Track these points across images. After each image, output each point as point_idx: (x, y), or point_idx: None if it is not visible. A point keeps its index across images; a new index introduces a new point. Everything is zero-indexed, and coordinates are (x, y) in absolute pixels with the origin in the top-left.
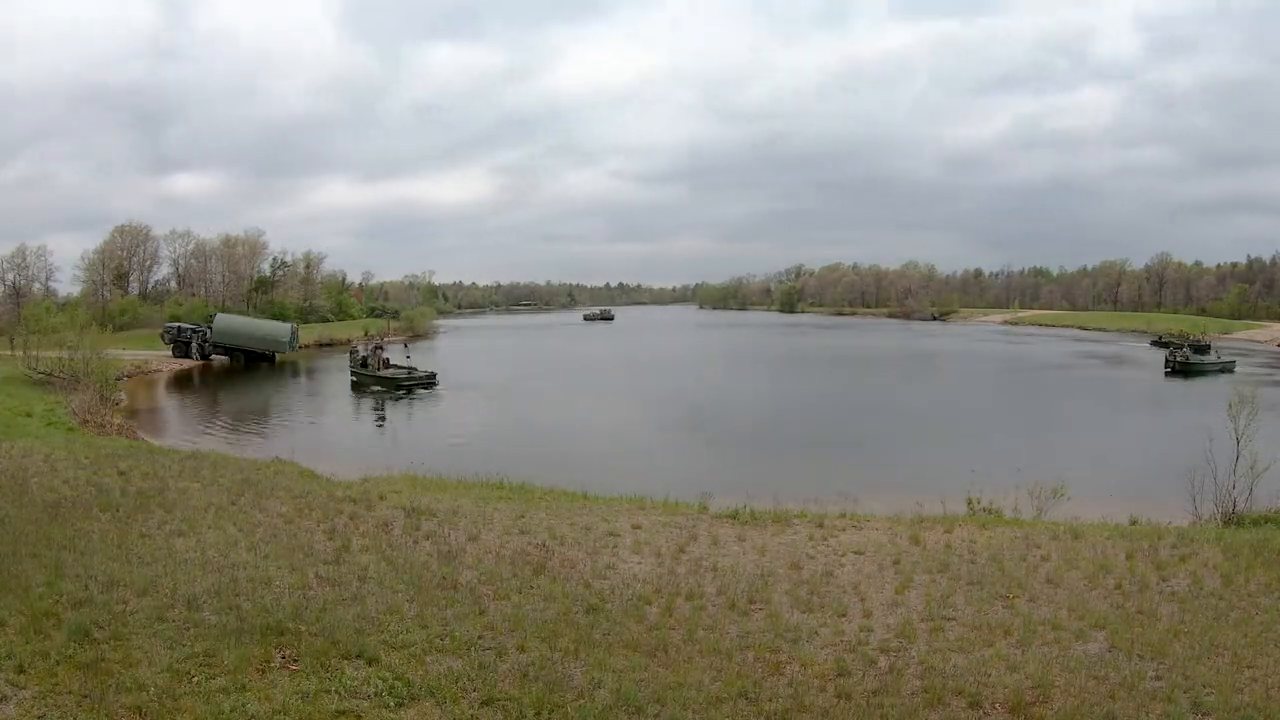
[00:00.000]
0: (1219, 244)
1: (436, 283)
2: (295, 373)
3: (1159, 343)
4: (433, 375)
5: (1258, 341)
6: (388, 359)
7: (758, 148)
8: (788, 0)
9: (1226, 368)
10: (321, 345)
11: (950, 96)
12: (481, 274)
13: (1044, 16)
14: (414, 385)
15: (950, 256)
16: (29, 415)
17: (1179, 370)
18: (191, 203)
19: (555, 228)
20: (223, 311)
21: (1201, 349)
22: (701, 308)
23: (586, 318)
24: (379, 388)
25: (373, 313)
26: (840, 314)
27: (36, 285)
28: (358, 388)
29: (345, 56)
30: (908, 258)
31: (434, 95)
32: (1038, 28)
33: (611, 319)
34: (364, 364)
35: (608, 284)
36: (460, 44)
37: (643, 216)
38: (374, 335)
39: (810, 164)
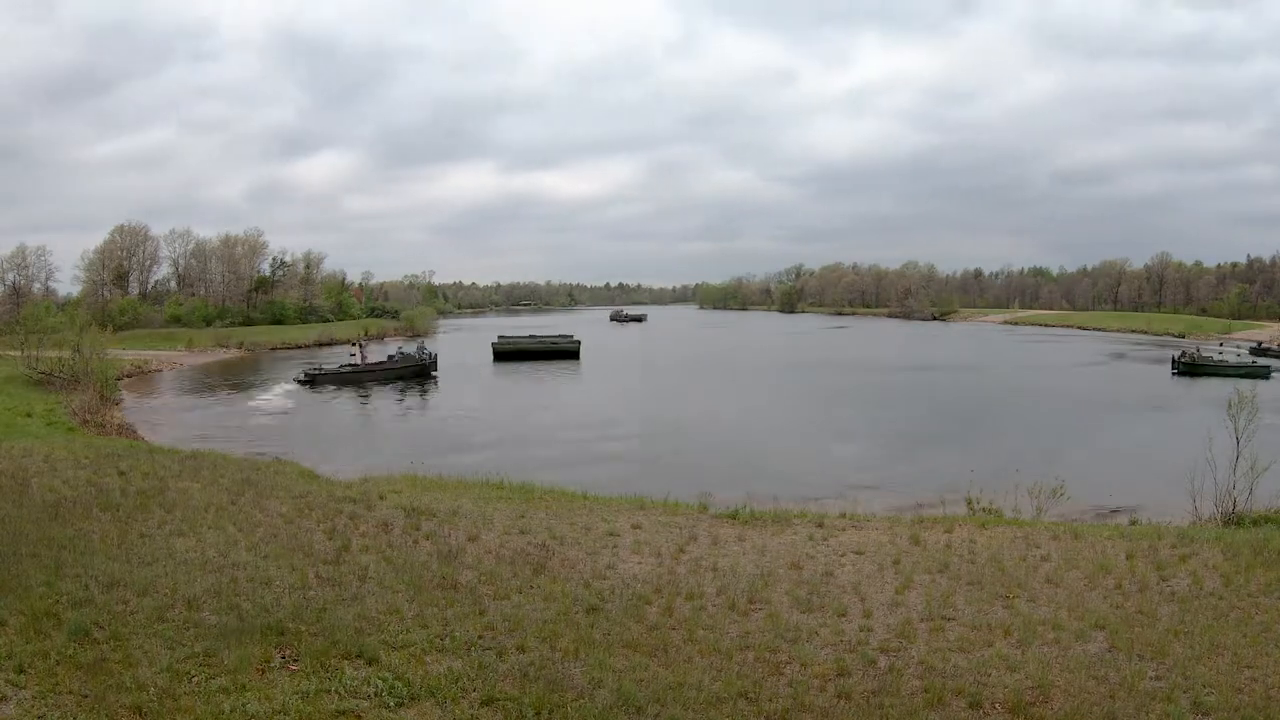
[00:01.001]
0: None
1: (436, 283)
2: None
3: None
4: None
5: (1258, 342)
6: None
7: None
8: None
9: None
10: (322, 345)
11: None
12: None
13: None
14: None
15: (1023, 258)
16: (29, 415)
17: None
18: None
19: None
20: (222, 312)
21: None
22: (701, 308)
23: (614, 319)
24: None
25: (373, 313)
26: (840, 314)
27: (37, 285)
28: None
29: None
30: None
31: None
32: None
33: (643, 320)
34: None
35: (607, 284)
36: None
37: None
38: (358, 338)
39: (932, 172)
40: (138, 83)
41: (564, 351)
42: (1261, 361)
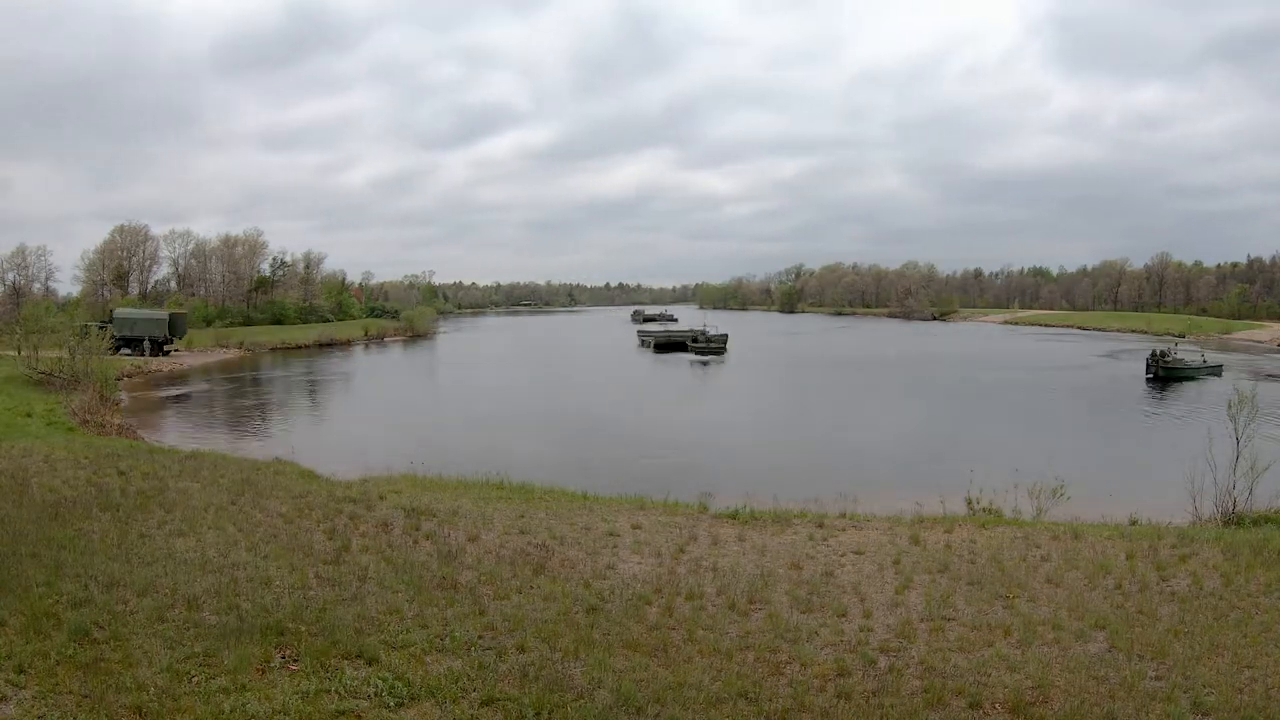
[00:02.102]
0: None
1: (436, 282)
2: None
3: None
4: None
5: (1258, 341)
6: None
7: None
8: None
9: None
10: (322, 345)
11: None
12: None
13: None
14: None
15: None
16: (29, 415)
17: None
18: None
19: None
20: (222, 311)
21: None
22: (701, 308)
23: (638, 318)
24: None
25: (373, 312)
26: (840, 314)
27: (36, 285)
28: None
29: None
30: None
31: None
32: None
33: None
34: None
35: (608, 284)
36: None
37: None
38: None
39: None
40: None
41: (714, 348)
42: (1213, 361)
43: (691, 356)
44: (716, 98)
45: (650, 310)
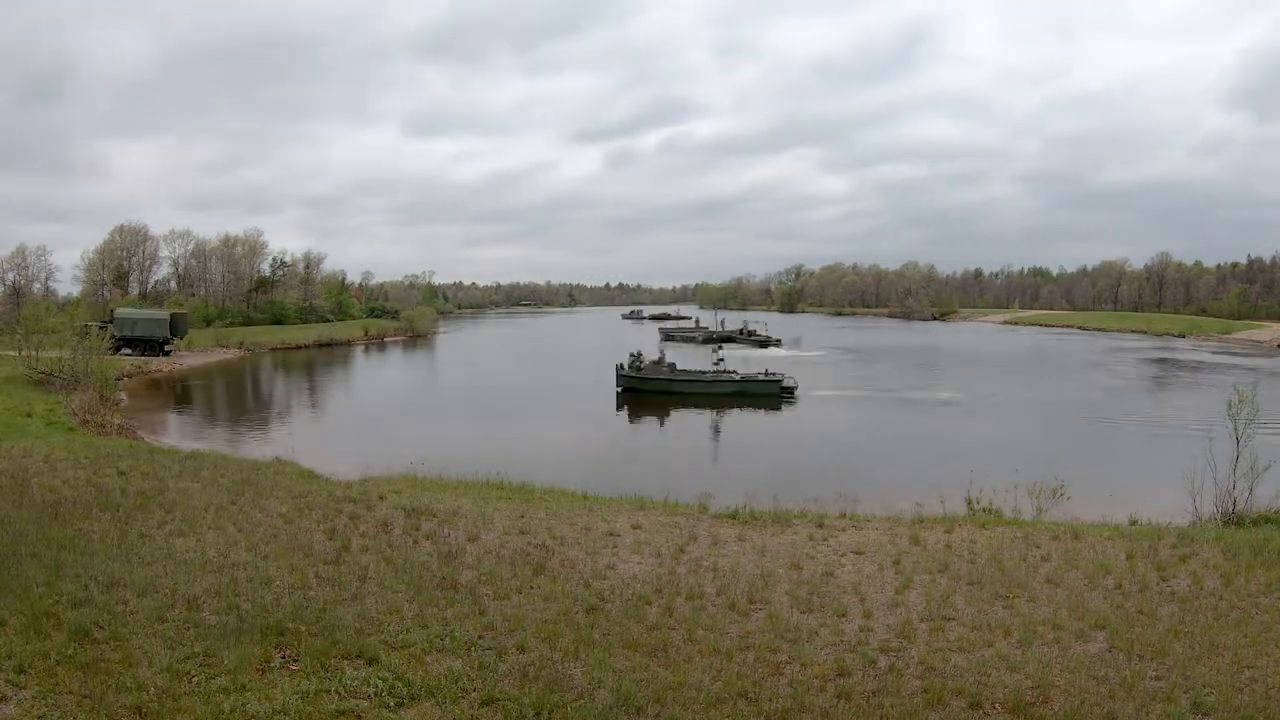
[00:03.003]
0: None
1: (436, 282)
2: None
3: None
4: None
5: (1258, 341)
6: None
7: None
8: None
9: None
10: (322, 345)
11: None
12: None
13: None
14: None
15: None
16: (29, 415)
17: None
18: None
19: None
20: (222, 312)
21: None
22: (702, 308)
23: (637, 316)
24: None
25: (373, 313)
26: (840, 314)
27: (36, 285)
28: None
29: None
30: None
31: None
32: None
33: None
34: None
35: (608, 284)
36: None
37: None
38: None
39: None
40: None
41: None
42: None
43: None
44: (911, 108)
45: (650, 309)
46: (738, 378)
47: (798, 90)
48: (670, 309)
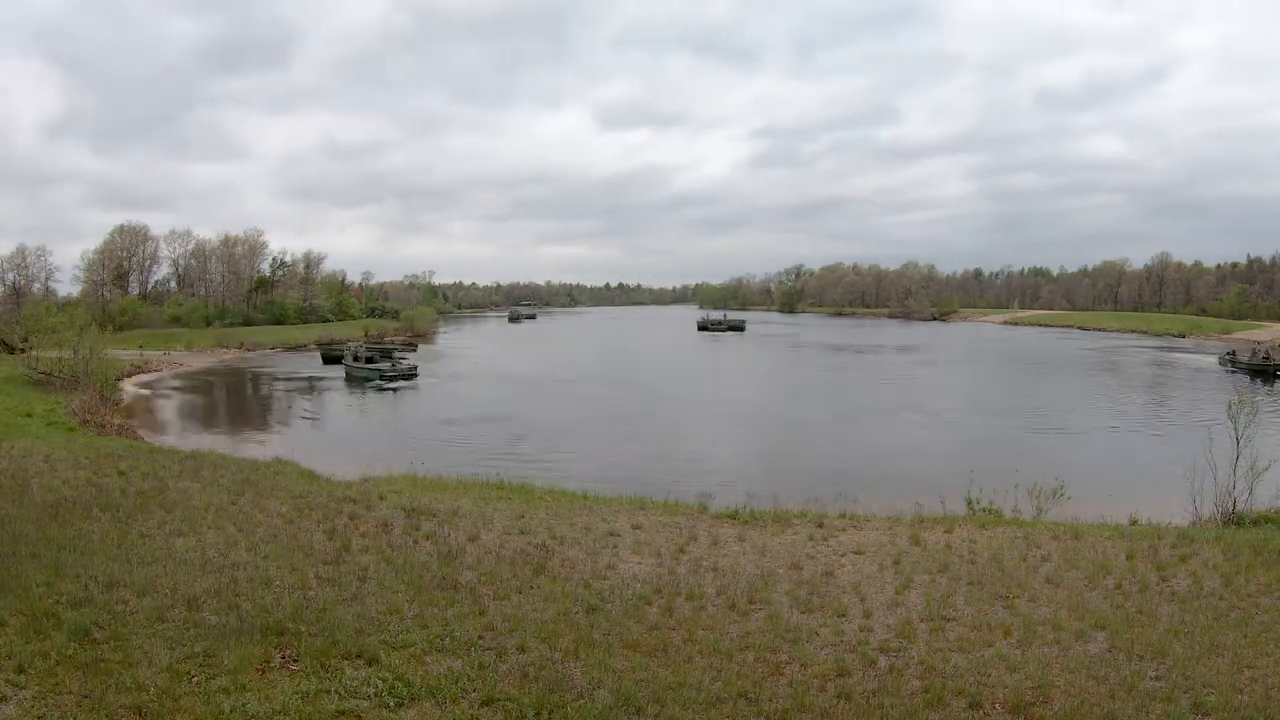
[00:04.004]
0: None
1: (436, 282)
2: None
3: None
4: None
5: (1258, 341)
6: None
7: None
8: None
9: None
10: (322, 345)
11: None
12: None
13: None
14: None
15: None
16: (29, 415)
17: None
18: None
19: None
20: (222, 312)
21: None
22: (702, 308)
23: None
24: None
25: (373, 313)
26: (840, 314)
27: (36, 285)
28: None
29: None
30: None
31: None
32: None
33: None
34: None
35: (608, 284)
36: None
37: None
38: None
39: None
40: None
41: None
42: None
43: None
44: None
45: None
46: None
47: (1002, 107)
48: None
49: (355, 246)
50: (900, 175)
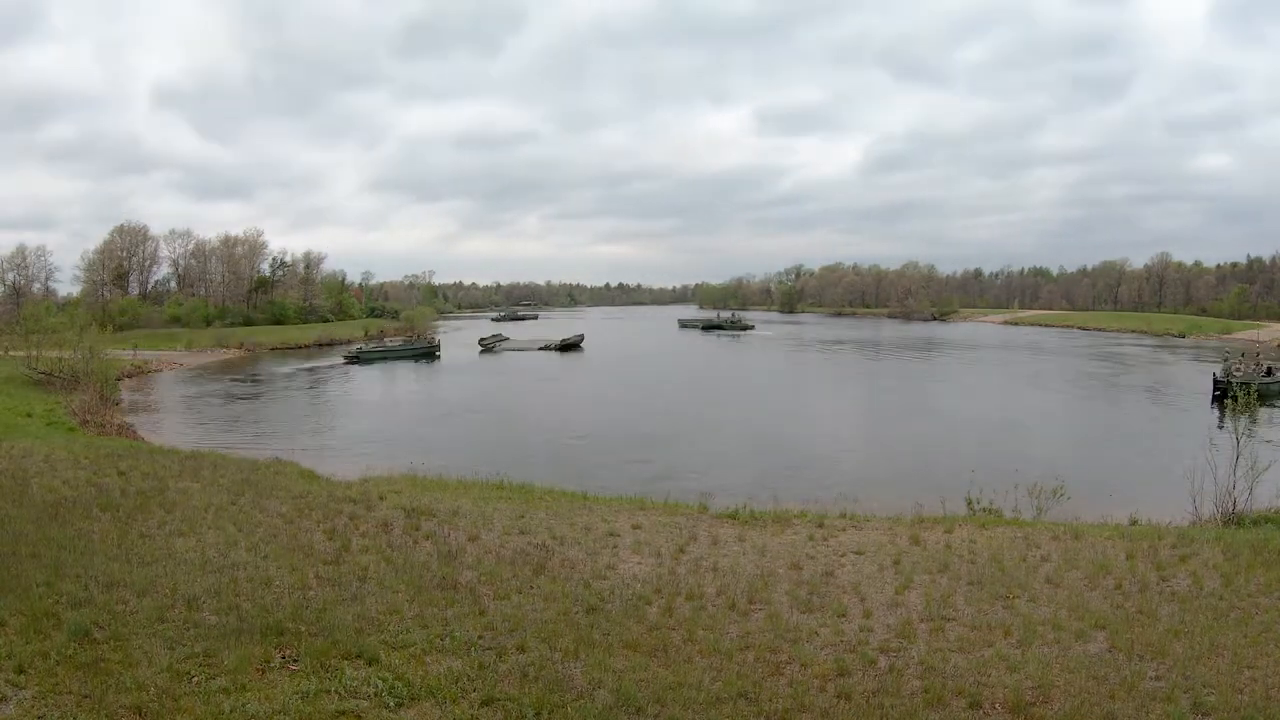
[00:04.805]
0: None
1: (436, 283)
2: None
3: None
4: None
5: (1258, 342)
6: None
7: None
8: None
9: None
10: (322, 345)
11: None
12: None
13: None
14: None
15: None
16: (29, 415)
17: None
18: None
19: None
20: (222, 312)
21: None
22: (701, 308)
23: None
24: None
25: (373, 313)
26: (840, 314)
27: (36, 285)
28: None
29: None
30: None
31: None
32: None
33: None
34: None
35: (607, 284)
36: None
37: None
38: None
39: None
40: None
41: None
42: None
43: None
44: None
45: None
46: None
47: (1132, 133)
48: (671, 310)
49: (419, 242)
50: (1001, 183)
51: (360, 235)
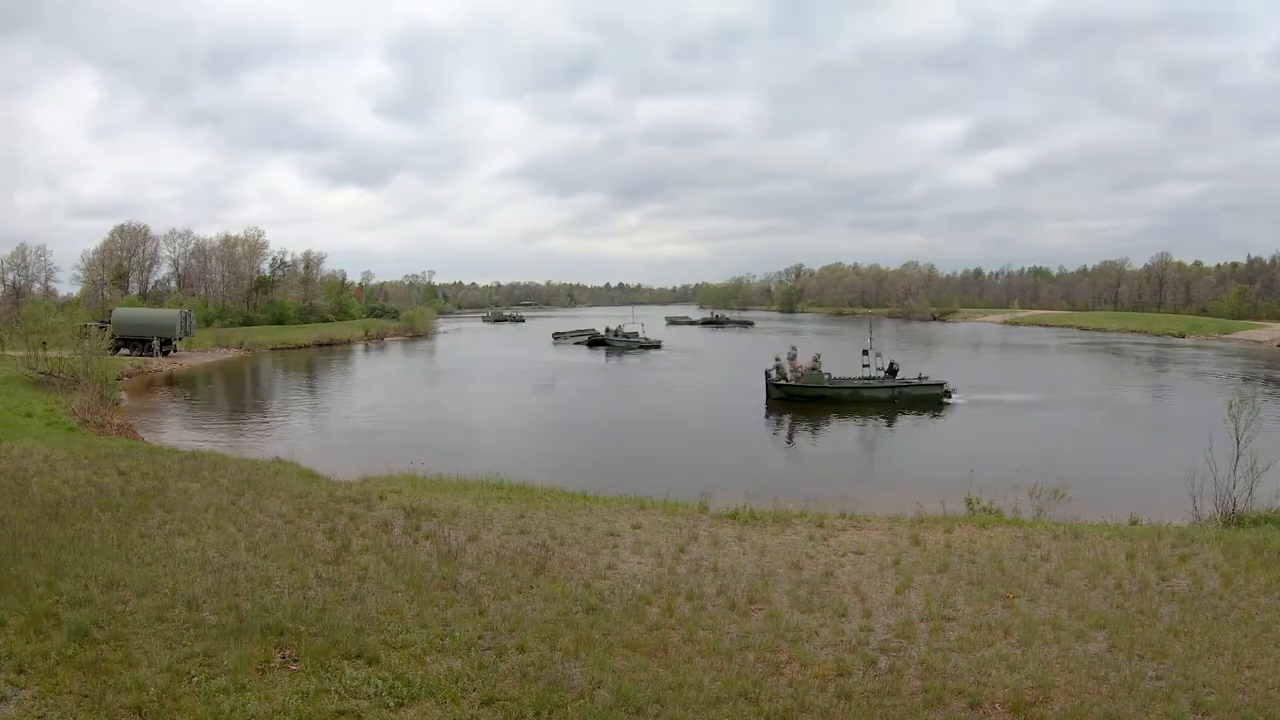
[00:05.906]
0: None
1: (436, 282)
2: None
3: None
4: None
5: (1258, 342)
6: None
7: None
8: None
9: None
10: (322, 345)
11: None
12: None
13: None
14: None
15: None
16: (29, 415)
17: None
18: None
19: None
20: (222, 312)
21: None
22: (702, 308)
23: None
24: None
25: (373, 313)
26: (840, 314)
27: (36, 285)
28: None
29: None
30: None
31: None
32: None
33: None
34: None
35: (608, 284)
36: None
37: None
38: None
39: None
40: None
41: None
42: None
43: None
44: None
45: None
46: (894, 382)
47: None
48: (671, 310)
49: (497, 238)
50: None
51: (505, 223)
